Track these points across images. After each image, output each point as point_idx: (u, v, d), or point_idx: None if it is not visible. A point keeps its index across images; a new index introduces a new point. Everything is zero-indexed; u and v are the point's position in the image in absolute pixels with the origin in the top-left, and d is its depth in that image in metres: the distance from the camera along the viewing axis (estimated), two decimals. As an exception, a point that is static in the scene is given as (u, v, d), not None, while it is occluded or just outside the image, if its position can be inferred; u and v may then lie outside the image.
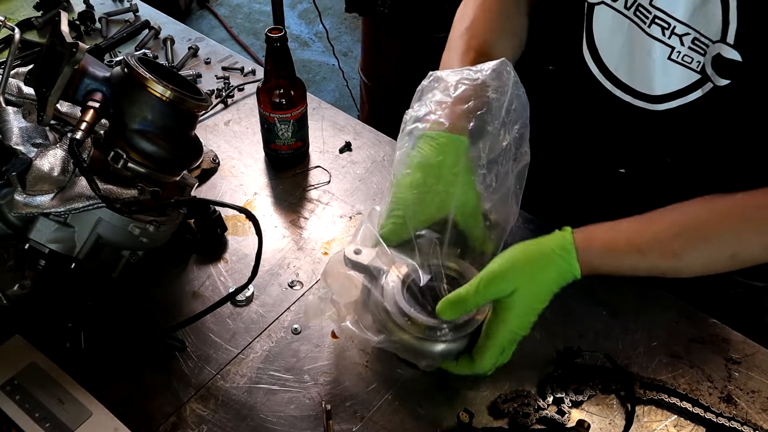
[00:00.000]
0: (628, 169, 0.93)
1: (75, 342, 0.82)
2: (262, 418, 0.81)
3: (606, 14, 0.85)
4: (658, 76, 0.82)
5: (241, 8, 3.69)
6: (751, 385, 0.85)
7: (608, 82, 0.88)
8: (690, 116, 0.82)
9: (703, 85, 0.79)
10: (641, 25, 0.81)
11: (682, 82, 0.81)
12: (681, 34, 0.78)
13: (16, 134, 0.88)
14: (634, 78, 0.85)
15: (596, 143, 0.95)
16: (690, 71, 0.79)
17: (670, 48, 0.80)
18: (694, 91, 0.80)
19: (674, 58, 0.80)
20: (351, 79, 2.84)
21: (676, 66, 0.80)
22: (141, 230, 0.84)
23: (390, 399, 0.83)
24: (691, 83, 0.80)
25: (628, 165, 0.93)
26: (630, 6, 0.81)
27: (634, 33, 0.82)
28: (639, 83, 0.85)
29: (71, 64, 0.78)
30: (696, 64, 0.78)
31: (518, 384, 0.84)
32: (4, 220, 0.82)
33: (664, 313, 0.92)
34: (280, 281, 0.96)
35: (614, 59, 0.86)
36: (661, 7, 0.78)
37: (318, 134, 1.21)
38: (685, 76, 0.80)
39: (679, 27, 0.78)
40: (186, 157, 0.90)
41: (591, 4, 0.85)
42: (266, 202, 1.09)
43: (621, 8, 0.82)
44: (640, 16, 0.80)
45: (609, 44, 0.86)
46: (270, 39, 1.01)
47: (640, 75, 0.84)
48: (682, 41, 0.78)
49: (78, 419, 0.76)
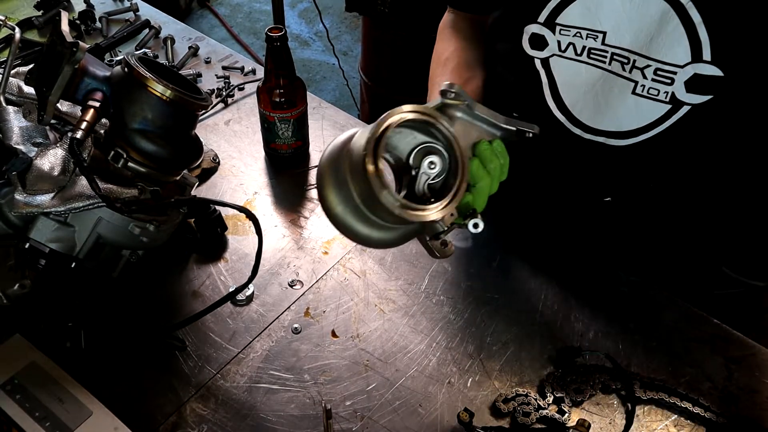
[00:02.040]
0: (613, 197, 0.92)
1: (75, 341, 0.82)
2: (262, 418, 0.81)
3: (561, 63, 0.84)
4: (626, 112, 0.81)
5: (242, 7, 3.69)
6: (752, 385, 0.85)
7: (575, 127, 0.88)
8: (673, 140, 0.80)
9: (677, 111, 0.77)
10: (600, 65, 0.79)
11: (652, 115, 0.79)
12: (642, 67, 0.76)
13: (16, 134, 0.88)
14: (601, 119, 0.84)
15: (576, 179, 0.94)
16: (659, 103, 0.78)
17: (632, 83, 0.78)
18: (668, 119, 0.78)
19: (639, 92, 0.78)
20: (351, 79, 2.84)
21: (642, 100, 0.78)
22: (141, 230, 0.84)
23: (390, 399, 0.83)
24: (663, 114, 0.78)
25: (612, 194, 0.92)
26: (581, 53, 0.80)
27: (593, 74, 0.81)
28: (606, 123, 0.83)
29: (71, 63, 0.78)
30: (664, 95, 0.76)
31: (518, 383, 0.84)
32: (5, 219, 0.82)
33: (664, 313, 0.92)
34: (280, 281, 0.96)
35: (578, 104, 0.85)
36: (615, 44, 0.77)
37: (318, 133, 1.20)
38: (654, 109, 0.78)
39: (639, 60, 0.76)
40: (186, 156, 0.90)
41: (543, 58, 0.85)
42: (266, 202, 1.09)
43: (572, 56, 0.82)
44: (596, 57, 0.79)
45: (571, 89, 0.85)
46: (270, 38, 1.01)
47: (606, 114, 0.83)
48: (644, 74, 0.77)
49: (78, 418, 0.76)
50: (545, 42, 0.83)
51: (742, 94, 0.73)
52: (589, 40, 0.78)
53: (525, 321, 0.91)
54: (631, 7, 0.73)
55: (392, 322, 0.91)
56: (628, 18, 0.74)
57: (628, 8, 0.74)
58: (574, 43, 0.80)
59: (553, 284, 0.95)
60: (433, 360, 0.87)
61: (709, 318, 0.92)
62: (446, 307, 0.93)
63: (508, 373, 0.85)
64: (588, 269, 0.97)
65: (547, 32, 0.82)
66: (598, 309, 0.92)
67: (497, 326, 0.90)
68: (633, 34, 0.75)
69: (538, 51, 0.85)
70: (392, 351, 0.88)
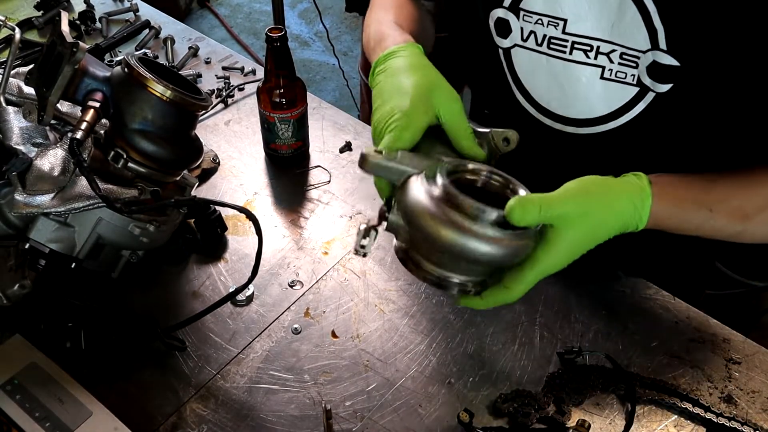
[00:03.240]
0: None
1: (75, 342, 0.82)
2: (262, 418, 0.81)
3: (522, 55, 0.84)
4: (596, 98, 0.81)
5: (242, 8, 3.69)
6: (752, 385, 0.85)
7: (547, 118, 0.87)
8: (642, 127, 0.80)
9: (645, 96, 0.77)
10: (561, 56, 0.79)
11: (623, 98, 0.79)
12: (607, 52, 0.76)
13: (16, 134, 0.88)
14: (570, 107, 0.84)
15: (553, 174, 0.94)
16: (627, 86, 0.78)
17: (600, 68, 0.78)
18: (637, 103, 0.79)
19: (607, 76, 0.78)
20: (351, 79, 2.84)
21: (611, 84, 0.79)
22: (141, 230, 0.84)
23: (390, 399, 0.83)
24: (632, 97, 0.78)
25: None
26: (542, 42, 0.80)
27: (555, 66, 0.81)
28: (577, 111, 0.83)
29: (71, 63, 0.78)
30: (631, 78, 0.77)
31: (518, 384, 0.84)
32: (5, 219, 0.82)
33: (664, 313, 0.92)
34: (280, 281, 0.96)
35: (545, 95, 0.85)
36: (576, 32, 0.77)
37: (318, 134, 1.21)
38: (624, 92, 0.79)
39: (603, 46, 0.76)
40: (186, 156, 0.90)
41: (506, 48, 0.85)
42: (266, 202, 1.09)
43: (533, 46, 0.81)
44: (556, 47, 0.79)
45: (535, 82, 0.85)
46: (270, 39, 1.01)
47: (576, 103, 0.83)
48: (611, 58, 0.77)
49: (78, 419, 0.76)
50: (509, 28, 0.82)
51: (700, 84, 0.74)
52: (550, 27, 0.78)
53: (525, 321, 0.91)
54: None
55: (392, 322, 0.91)
56: (588, 5, 0.75)
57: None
58: (535, 32, 0.80)
59: (553, 284, 0.95)
60: (433, 360, 0.87)
61: (709, 318, 0.92)
62: (446, 308, 0.93)
63: (508, 374, 0.85)
64: (588, 269, 0.96)
65: (512, 17, 0.81)
66: (598, 309, 0.92)
67: (497, 326, 0.90)
68: (594, 21, 0.75)
69: (502, 39, 0.84)
70: (392, 351, 0.88)
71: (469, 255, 0.62)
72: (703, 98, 0.75)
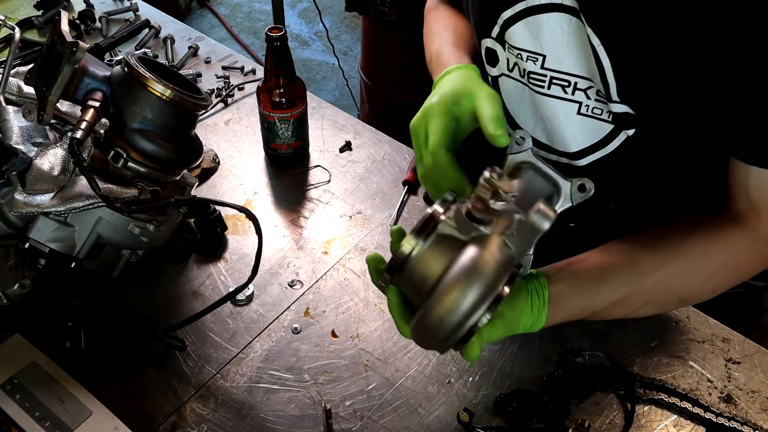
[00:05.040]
0: (576, 222, 0.91)
1: (75, 341, 0.82)
2: (262, 418, 0.81)
3: (509, 84, 0.84)
4: (573, 133, 0.80)
5: (241, 7, 3.69)
6: (751, 385, 0.85)
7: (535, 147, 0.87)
8: (616, 164, 0.80)
9: (619, 134, 0.77)
10: (539, 90, 0.79)
11: (597, 135, 0.79)
12: (584, 89, 0.76)
13: (16, 133, 0.88)
14: (553, 140, 0.84)
15: None
16: (602, 122, 0.77)
17: (577, 103, 0.78)
18: (612, 140, 0.78)
19: (584, 112, 0.78)
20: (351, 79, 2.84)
21: (588, 119, 0.78)
22: (141, 229, 0.84)
23: (390, 397, 0.83)
24: (607, 134, 0.78)
25: (574, 219, 0.90)
26: (523, 75, 0.80)
27: (535, 98, 0.81)
28: (559, 143, 0.83)
29: (71, 63, 0.78)
30: (607, 115, 0.76)
31: (518, 384, 0.84)
32: (5, 219, 0.82)
33: (663, 313, 0.92)
34: (280, 280, 0.96)
35: (530, 125, 0.85)
36: (555, 68, 0.77)
37: (318, 133, 1.21)
38: (599, 128, 0.78)
39: (580, 82, 0.76)
40: (186, 156, 0.90)
41: (494, 77, 0.85)
42: (266, 202, 1.09)
43: (517, 77, 0.82)
44: (535, 82, 0.79)
45: (521, 111, 0.85)
46: (270, 38, 1.01)
47: (555, 135, 0.83)
48: (587, 94, 0.76)
49: (78, 418, 0.76)
50: (497, 58, 0.83)
51: (658, 130, 0.74)
52: (529, 62, 0.78)
53: (525, 321, 0.91)
54: (568, 32, 0.74)
55: (392, 322, 0.91)
56: (567, 42, 0.75)
57: (567, 33, 0.74)
58: (518, 64, 0.81)
59: (552, 284, 0.95)
60: (433, 360, 0.87)
61: (709, 318, 0.92)
62: (446, 307, 0.93)
63: (508, 373, 0.85)
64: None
65: (499, 48, 0.82)
66: (597, 309, 0.92)
67: (497, 326, 0.90)
68: (572, 58, 0.75)
69: (491, 67, 0.85)
70: (392, 351, 0.88)
71: None
72: (665, 141, 0.75)
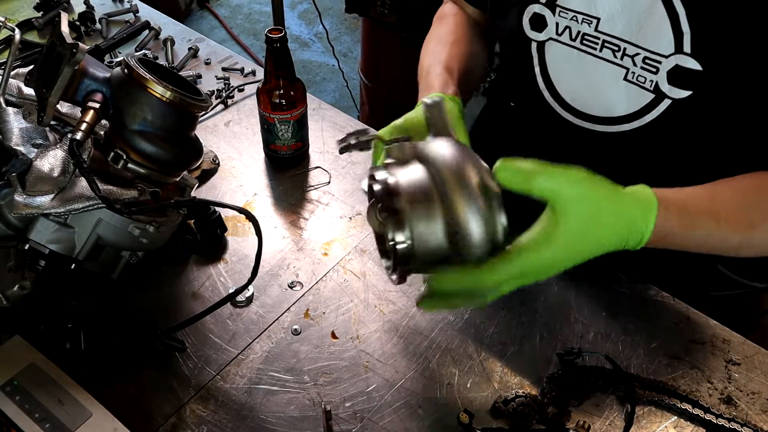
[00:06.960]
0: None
1: (75, 342, 0.82)
2: (261, 419, 0.81)
3: (555, 49, 0.86)
4: (617, 98, 0.82)
5: (241, 9, 3.69)
6: (751, 387, 0.85)
7: (568, 113, 0.89)
8: (657, 132, 0.82)
9: (658, 105, 0.79)
10: (591, 52, 0.82)
11: (640, 102, 0.81)
12: (632, 55, 0.79)
13: (16, 135, 0.88)
14: (593, 104, 0.86)
15: None
16: (644, 91, 0.79)
17: (624, 69, 0.80)
18: (652, 109, 0.80)
19: (630, 78, 0.80)
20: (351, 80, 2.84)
21: (632, 86, 0.81)
22: (141, 231, 0.84)
23: (390, 399, 0.83)
24: (648, 103, 0.80)
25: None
26: (575, 37, 0.83)
27: (585, 61, 0.83)
28: (598, 108, 0.85)
29: (71, 64, 0.78)
30: (649, 83, 0.78)
31: (518, 385, 0.84)
32: (4, 220, 0.82)
33: (664, 314, 0.92)
34: (280, 282, 0.96)
35: (570, 90, 0.87)
36: (607, 31, 0.79)
37: (318, 135, 1.21)
38: (641, 97, 0.80)
39: (629, 48, 0.78)
40: (186, 157, 0.90)
41: (540, 42, 0.87)
42: (266, 203, 1.09)
43: (567, 41, 0.84)
44: (588, 43, 0.82)
45: (563, 76, 0.88)
46: (270, 39, 1.01)
47: (598, 100, 0.85)
48: (634, 61, 0.79)
49: (78, 420, 0.76)
50: (545, 23, 0.85)
51: (720, 92, 0.75)
52: (584, 24, 0.81)
53: (525, 322, 0.91)
54: None
55: (392, 323, 0.91)
56: (621, 6, 0.77)
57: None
58: (570, 27, 0.83)
59: (552, 285, 0.95)
60: (433, 361, 0.87)
61: (709, 319, 0.92)
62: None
63: (508, 375, 0.85)
64: (587, 270, 0.96)
65: (548, 12, 0.84)
66: (597, 310, 0.92)
67: (497, 327, 0.91)
68: (624, 23, 0.77)
69: (537, 33, 0.87)
70: (392, 352, 0.88)
71: None
72: (720, 106, 0.76)
